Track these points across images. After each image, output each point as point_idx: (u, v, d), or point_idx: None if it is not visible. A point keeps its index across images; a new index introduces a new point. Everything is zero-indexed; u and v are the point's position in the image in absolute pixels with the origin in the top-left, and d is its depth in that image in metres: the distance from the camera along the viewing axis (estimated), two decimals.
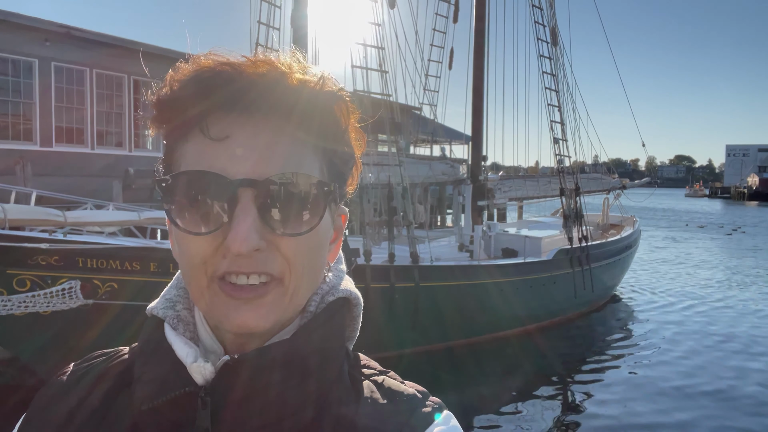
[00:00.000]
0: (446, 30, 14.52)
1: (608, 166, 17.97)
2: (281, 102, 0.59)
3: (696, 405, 7.42)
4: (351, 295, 0.70)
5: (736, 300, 13.80)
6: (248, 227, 0.56)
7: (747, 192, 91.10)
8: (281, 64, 0.60)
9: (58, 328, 6.09)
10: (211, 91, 0.58)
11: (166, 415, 0.61)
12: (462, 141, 20.12)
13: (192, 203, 0.59)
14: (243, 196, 0.57)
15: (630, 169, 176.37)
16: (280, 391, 0.60)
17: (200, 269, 0.59)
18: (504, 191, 13.43)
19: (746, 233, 32.21)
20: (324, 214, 0.62)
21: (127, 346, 0.74)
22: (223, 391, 0.59)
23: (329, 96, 0.62)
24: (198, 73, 0.59)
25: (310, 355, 0.62)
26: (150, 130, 0.63)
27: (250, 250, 0.57)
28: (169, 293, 0.70)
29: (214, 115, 0.58)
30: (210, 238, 0.58)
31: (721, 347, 9.91)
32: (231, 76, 0.58)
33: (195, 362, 0.61)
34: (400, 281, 8.32)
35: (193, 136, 0.60)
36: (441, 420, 0.64)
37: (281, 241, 0.59)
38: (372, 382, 0.67)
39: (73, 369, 0.72)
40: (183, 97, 0.59)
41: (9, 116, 12.16)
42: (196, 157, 0.59)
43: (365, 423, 0.61)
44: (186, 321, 0.67)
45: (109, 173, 12.72)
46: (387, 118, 8.95)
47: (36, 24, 12.12)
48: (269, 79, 0.58)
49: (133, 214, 7.01)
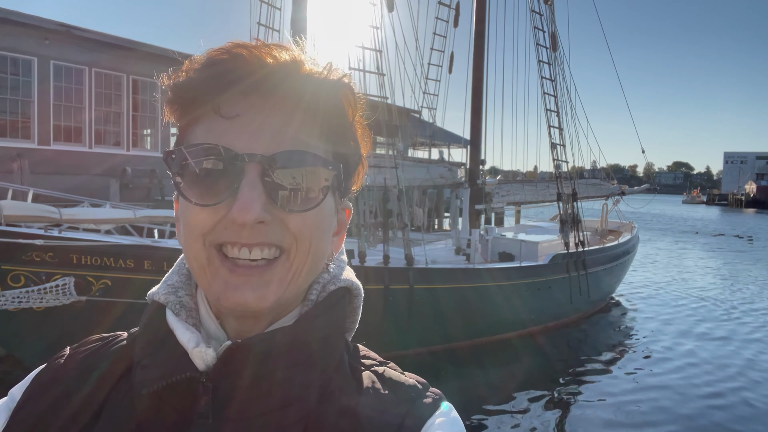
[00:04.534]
0: (446, 34, 14.57)
1: (607, 172, 18.00)
2: (293, 87, 0.60)
3: (693, 409, 7.41)
4: (352, 286, 0.70)
5: (736, 305, 13.82)
6: (253, 198, 0.57)
7: (744, 199, 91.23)
8: (293, 52, 0.62)
9: (53, 326, 6.08)
10: (225, 72, 0.59)
11: (167, 400, 0.60)
12: (461, 145, 20.14)
13: (199, 176, 0.60)
14: (250, 170, 0.58)
15: (628, 175, 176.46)
16: (282, 378, 0.59)
17: (200, 240, 0.60)
18: (502, 195, 13.44)
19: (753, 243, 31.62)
20: (327, 194, 0.62)
21: (125, 332, 0.74)
22: (225, 377, 0.59)
23: (336, 85, 0.63)
24: (213, 57, 0.61)
25: (312, 343, 0.62)
26: (165, 115, 0.64)
27: (254, 221, 0.57)
28: (171, 279, 0.69)
29: (226, 94, 0.59)
30: (214, 210, 0.59)
31: (720, 351, 9.91)
32: (245, 59, 0.59)
33: (197, 347, 0.60)
34: (394, 283, 8.32)
35: (206, 117, 0.61)
36: (442, 411, 0.64)
37: (287, 216, 0.60)
38: (372, 372, 0.67)
39: (70, 353, 0.71)
40: (197, 79, 0.60)
41: (7, 114, 12.17)
42: (207, 133, 0.60)
43: (367, 412, 0.61)
44: (188, 307, 0.66)
45: (107, 172, 12.73)
46: (383, 121, 8.97)
47: (36, 23, 12.14)
48: (281, 65, 0.60)
49: (129, 213, 7.02)
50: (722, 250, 26.95)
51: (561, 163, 12.64)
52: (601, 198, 15.80)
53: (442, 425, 0.62)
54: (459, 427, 0.63)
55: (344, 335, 0.69)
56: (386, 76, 9.19)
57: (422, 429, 0.61)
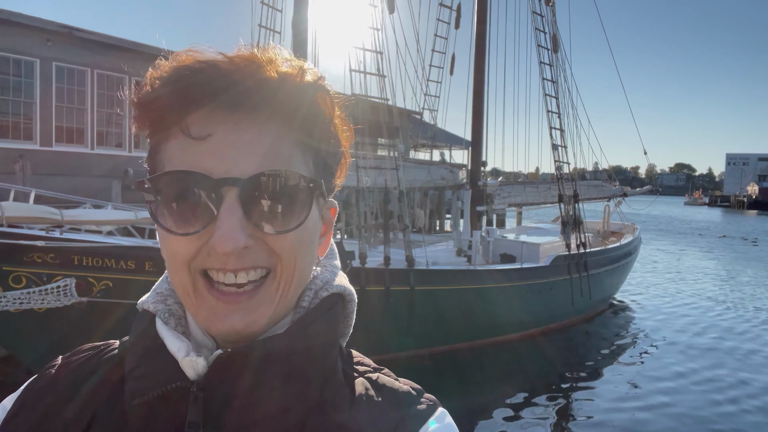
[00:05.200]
0: (448, 36, 14.59)
1: (609, 173, 17.98)
2: (262, 97, 0.57)
3: (695, 412, 7.40)
4: (345, 291, 0.69)
5: (739, 307, 13.79)
6: (233, 226, 0.55)
7: (747, 201, 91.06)
8: (261, 58, 0.58)
9: (54, 327, 6.09)
10: (189, 89, 0.56)
11: (158, 410, 0.60)
12: (462, 146, 20.13)
13: (176, 204, 0.58)
14: (227, 194, 0.56)
15: (630, 177, 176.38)
16: (275, 386, 0.58)
17: (184, 267, 0.59)
18: (503, 197, 13.43)
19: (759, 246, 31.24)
20: (311, 210, 0.61)
21: (117, 340, 0.73)
22: (216, 386, 0.58)
23: (310, 87, 0.61)
24: (176, 72, 0.58)
25: (304, 351, 0.61)
26: (133, 129, 0.62)
27: (237, 249, 0.56)
28: (161, 287, 0.68)
29: (194, 113, 0.57)
30: (195, 238, 0.57)
31: (723, 354, 9.89)
32: (209, 74, 0.56)
33: (187, 356, 0.59)
34: (395, 284, 8.32)
35: (174, 135, 0.59)
36: (436, 417, 0.63)
37: (269, 238, 0.58)
38: (366, 379, 0.66)
39: (62, 362, 0.71)
40: (162, 97, 0.58)
41: (9, 115, 12.20)
42: (179, 156, 0.58)
43: (360, 420, 0.60)
44: (177, 315, 0.65)
45: (109, 174, 12.74)
46: (384, 122, 8.98)
47: (38, 24, 12.17)
48: (248, 75, 0.57)
49: (130, 214, 7.03)
50: (727, 252, 26.88)
51: (562, 165, 12.63)
52: (602, 199, 15.78)
53: (436, 431, 0.62)
54: None
55: (338, 341, 0.68)
56: (387, 77, 9.21)
57: None
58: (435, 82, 14.56)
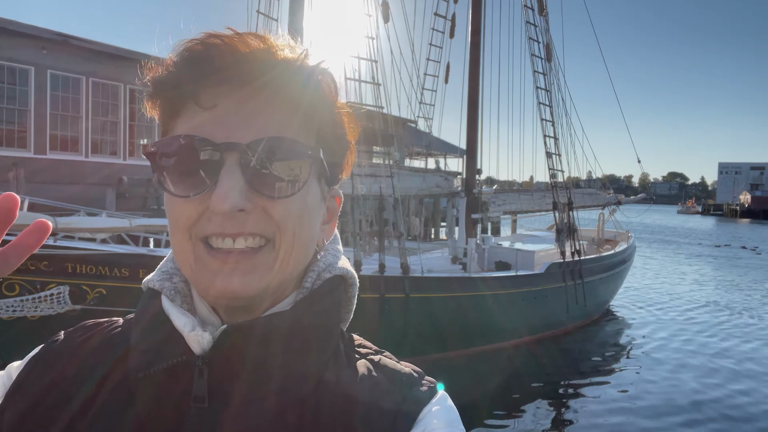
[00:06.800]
0: (443, 45, 14.68)
1: (603, 182, 18.08)
2: (270, 75, 0.60)
3: (690, 419, 7.40)
4: (347, 274, 0.70)
5: (733, 315, 13.83)
6: (231, 186, 0.57)
7: (739, 209, 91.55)
8: (271, 41, 0.62)
9: (47, 335, 6.05)
10: (202, 64, 0.59)
11: (163, 384, 0.60)
12: (457, 154, 20.18)
13: (179, 168, 0.60)
14: (228, 158, 0.58)
15: (624, 186, 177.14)
16: (279, 362, 0.59)
17: (185, 234, 0.60)
18: (498, 205, 13.48)
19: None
20: (309, 179, 0.62)
21: (121, 317, 0.74)
22: (221, 361, 0.59)
23: (315, 70, 0.63)
24: (189, 48, 0.60)
25: (308, 328, 0.62)
26: (146, 110, 0.64)
27: (233, 209, 0.57)
28: (166, 266, 0.70)
29: (205, 87, 0.60)
30: (196, 202, 0.59)
31: (719, 361, 9.91)
32: (220, 50, 0.59)
33: (193, 331, 0.60)
34: (390, 292, 8.32)
35: (185, 109, 0.61)
36: (437, 399, 0.64)
37: (268, 204, 0.59)
38: (368, 360, 0.67)
39: (66, 336, 0.71)
40: (176, 72, 0.61)
41: (4, 123, 12.17)
42: (186, 124, 0.61)
43: (363, 399, 0.61)
44: (183, 293, 0.66)
45: (103, 182, 12.72)
46: (379, 130, 9.01)
47: (33, 32, 12.18)
48: (257, 53, 0.60)
49: (125, 222, 7.00)
50: (727, 261, 26.90)
51: (557, 173, 12.69)
52: (597, 207, 15.85)
53: (438, 413, 0.63)
54: (454, 415, 0.64)
55: (339, 324, 0.69)
56: (382, 86, 9.25)
57: (419, 415, 0.62)
58: (430, 90, 14.63)
